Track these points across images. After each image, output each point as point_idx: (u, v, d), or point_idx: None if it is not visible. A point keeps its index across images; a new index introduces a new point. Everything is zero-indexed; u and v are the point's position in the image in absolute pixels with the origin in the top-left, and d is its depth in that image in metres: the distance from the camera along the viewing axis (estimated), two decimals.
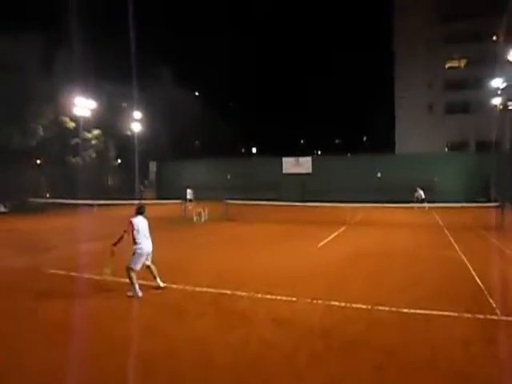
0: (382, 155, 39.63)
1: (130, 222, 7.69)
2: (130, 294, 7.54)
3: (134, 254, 7.66)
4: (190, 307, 7.00)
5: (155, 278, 8.05)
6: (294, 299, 7.38)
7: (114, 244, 7.68)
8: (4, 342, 5.58)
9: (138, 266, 7.69)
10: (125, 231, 7.65)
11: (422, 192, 28.10)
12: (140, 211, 8.01)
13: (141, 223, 7.80)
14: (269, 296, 7.60)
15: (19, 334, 5.88)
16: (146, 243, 7.75)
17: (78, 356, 5.00)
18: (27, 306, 7.11)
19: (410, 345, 5.41)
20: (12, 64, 28.01)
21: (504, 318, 6.32)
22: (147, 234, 7.88)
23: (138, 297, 7.49)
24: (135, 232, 7.64)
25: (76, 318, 6.46)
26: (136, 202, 28.32)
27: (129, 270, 7.55)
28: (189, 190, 29.29)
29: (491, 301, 7.14)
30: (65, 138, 33.44)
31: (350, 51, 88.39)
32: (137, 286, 7.57)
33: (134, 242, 7.66)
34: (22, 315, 6.66)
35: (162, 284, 8.08)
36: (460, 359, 4.99)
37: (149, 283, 8.25)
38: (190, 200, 27.93)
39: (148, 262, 7.94)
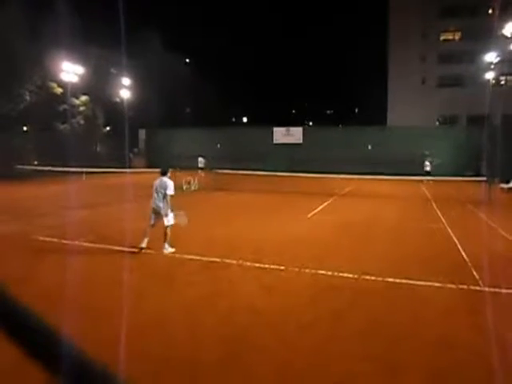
0: (374, 127, 39.58)
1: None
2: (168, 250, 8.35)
3: None
4: (180, 275, 7.07)
5: (144, 237, 8.35)
6: (282, 268, 7.47)
7: None
8: None
9: (150, 222, 8.42)
10: None
11: (429, 164, 28.14)
12: (162, 172, 8.61)
13: (156, 182, 8.46)
14: (257, 264, 7.69)
15: None
16: (152, 200, 8.39)
17: (67, 324, 5.04)
18: (17, 274, 7.11)
19: (394, 313, 5.55)
20: None
21: (486, 289, 6.47)
22: (157, 193, 8.35)
23: (139, 249, 8.22)
24: (153, 190, 8.42)
25: (65, 285, 6.48)
26: (125, 170, 28.22)
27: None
28: (200, 159, 29.47)
29: (475, 273, 7.30)
30: (52, 104, 32.80)
31: (343, 23, 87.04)
32: (145, 240, 8.22)
33: None
34: (11, 283, 6.66)
35: (170, 249, 8.44)
36: (442, 328, 5.14)
37: (138, 250, 8.31)
38: (202, 168, 28.09)
39: (165, 223, 8.29)
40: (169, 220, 8.27)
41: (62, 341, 0.58)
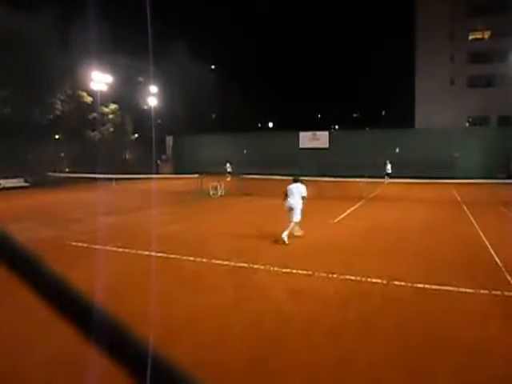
0: (401, 130, 38.91)
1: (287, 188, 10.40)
2: (297, 233, 10.44)
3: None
4: (207, 280, 7.12)
5: (284, 231, 9.86)
6: (310, 273, 7.43)
7: (284, 199, 10.34)
8: (24, 312, 5.77)
9: (290, 218, 10.10)
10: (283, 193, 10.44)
11: (389, 166, 28.34)
12: (294, 180, 10.49)
13: (293, 188, 10.27)
14: (285, 269, 7.67)
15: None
16: (289, 200, 10.17)
17: None
18: None
19: (424, 320, 5.44)
20: (30, 39, 28.09)
21: None
22: (294, 195, 10.16)
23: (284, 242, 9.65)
24: (288, 193, 10.25)
25: (96, 288, 6.63)
26: (153, 176, 28.78)
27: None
28: (228, 164, 30.75)
29: (509, 278, 7.08)
30: (82, 112, 33.69)
31: (369, 23, 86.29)
32: (286, 232, 9.82)
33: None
34: None
35: (286, 239, 9.69)
36: (475, 335, 5.00)
37: (167, 255, 8.42)
38: (230, 173, 29.30)
39: (294, 219, 10.04)
40: (297, 217, 10.01)
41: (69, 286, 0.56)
